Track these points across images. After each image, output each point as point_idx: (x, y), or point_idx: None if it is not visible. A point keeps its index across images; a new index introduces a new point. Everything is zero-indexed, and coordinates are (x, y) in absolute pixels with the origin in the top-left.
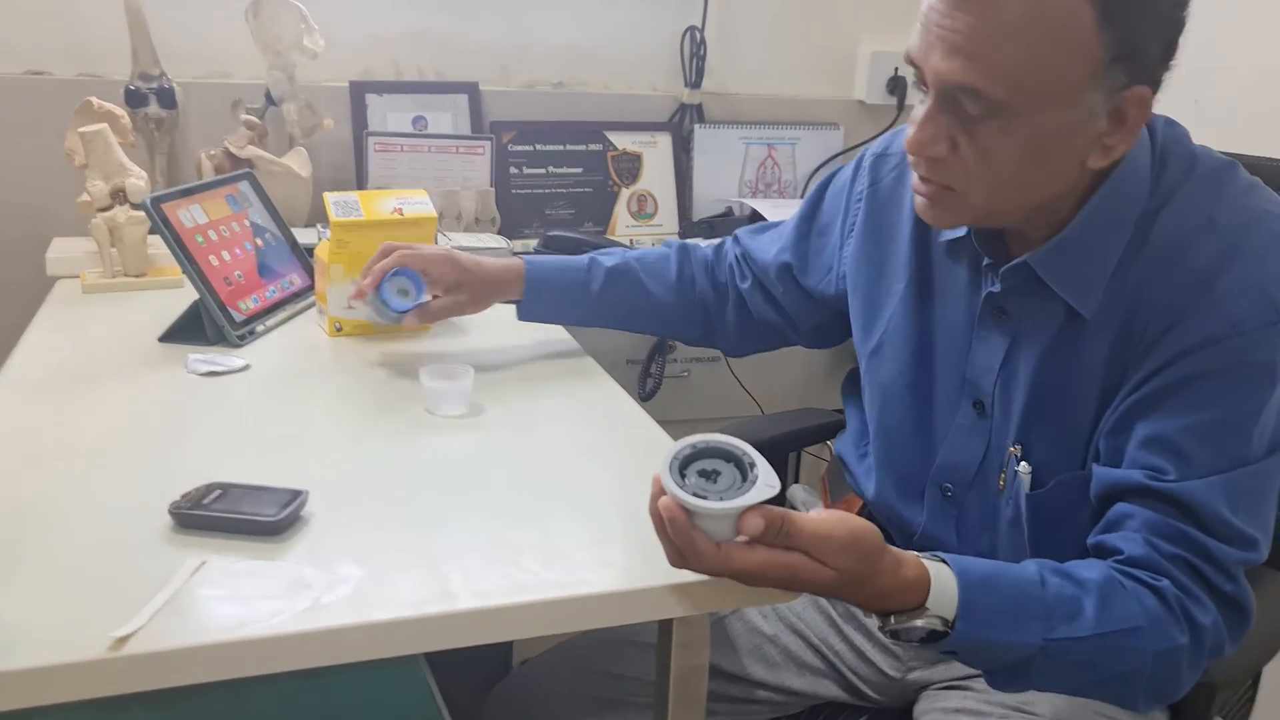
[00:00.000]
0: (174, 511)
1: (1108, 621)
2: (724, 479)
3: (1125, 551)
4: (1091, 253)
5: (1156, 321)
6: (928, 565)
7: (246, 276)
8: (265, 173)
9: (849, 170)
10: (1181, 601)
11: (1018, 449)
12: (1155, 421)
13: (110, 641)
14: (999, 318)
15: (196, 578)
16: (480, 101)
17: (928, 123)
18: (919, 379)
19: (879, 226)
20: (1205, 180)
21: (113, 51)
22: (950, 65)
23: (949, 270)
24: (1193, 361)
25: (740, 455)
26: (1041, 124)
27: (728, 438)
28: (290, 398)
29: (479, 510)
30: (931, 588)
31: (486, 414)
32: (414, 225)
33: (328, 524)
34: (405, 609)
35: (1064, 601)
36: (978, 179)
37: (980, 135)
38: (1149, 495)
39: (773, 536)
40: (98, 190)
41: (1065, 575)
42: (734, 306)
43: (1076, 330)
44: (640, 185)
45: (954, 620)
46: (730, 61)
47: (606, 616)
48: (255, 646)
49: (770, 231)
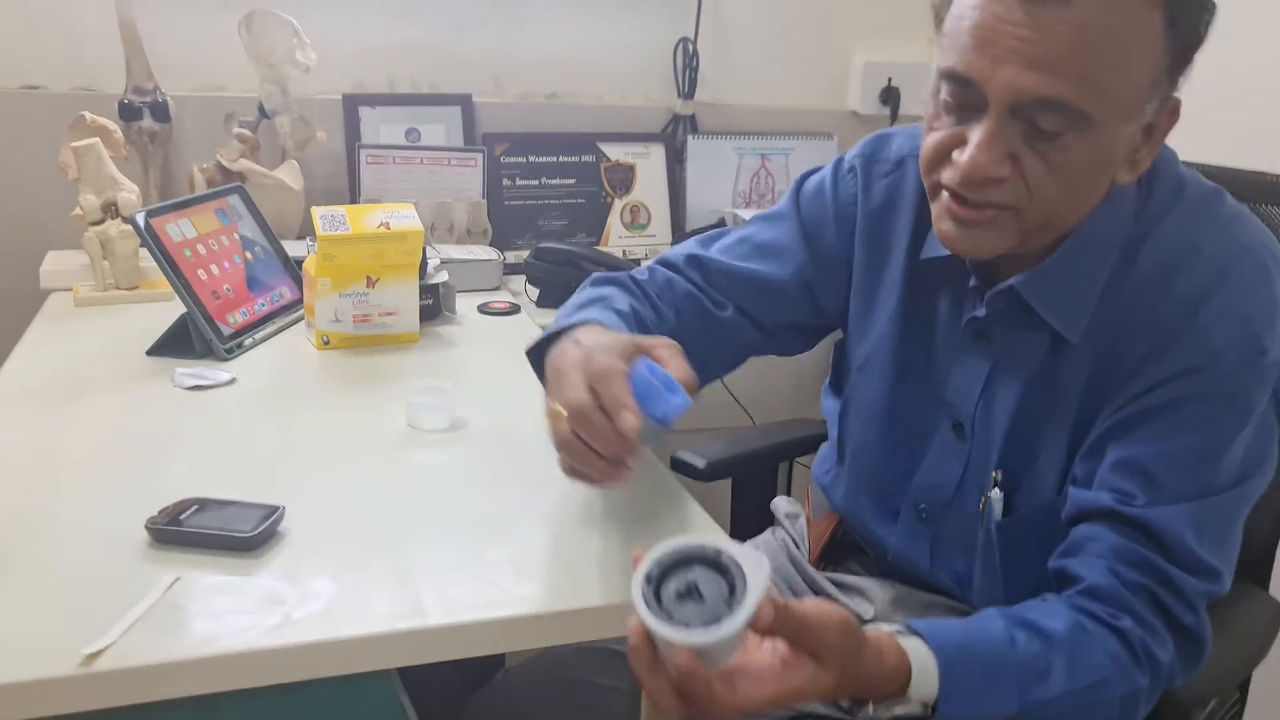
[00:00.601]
0: (150, 527)
1: (1078, 677)
2: (708, 589)
3: (1086, 579)
4: (1079, 278)
5: (1138, 346)
6: (905, 647)
7: (235, 290)
8: (257, 186)
9: (826, 175)
10: (1144, 641)
11: (998, 474)
12: (1128, 445)
13: (80, 658)
14: (980, 341)
15: (170, 594)
16: (473, 113)
17: (993, 143)
18: (900, 397)
19: (873, 237)
20: (1193, 206)
21: (107, 66)
22: (1031, 78)
23: (933, 289)
24: (1170, 388)
25: (709, 554)
26: (1111, 137)
27: (685, 542)
28: (275, 411)
29: (456, 525)
30: (913, 674)
31: (469, 428)
32: (400, 239)
33: (304, 539)
34: (376, 624)
35: (1033, 659)
36: (1041, 199)
37: (1052, 152)
38: (1116, 519)
39: (781, 626)
40: (90, 204)
41: (1031, 628)
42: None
43: (1059, 356)
44: (633, 196)
45: (935, 703)
46: (723, 72)
47: (578, 632)
48: (225, 662)
49: (742, 248)
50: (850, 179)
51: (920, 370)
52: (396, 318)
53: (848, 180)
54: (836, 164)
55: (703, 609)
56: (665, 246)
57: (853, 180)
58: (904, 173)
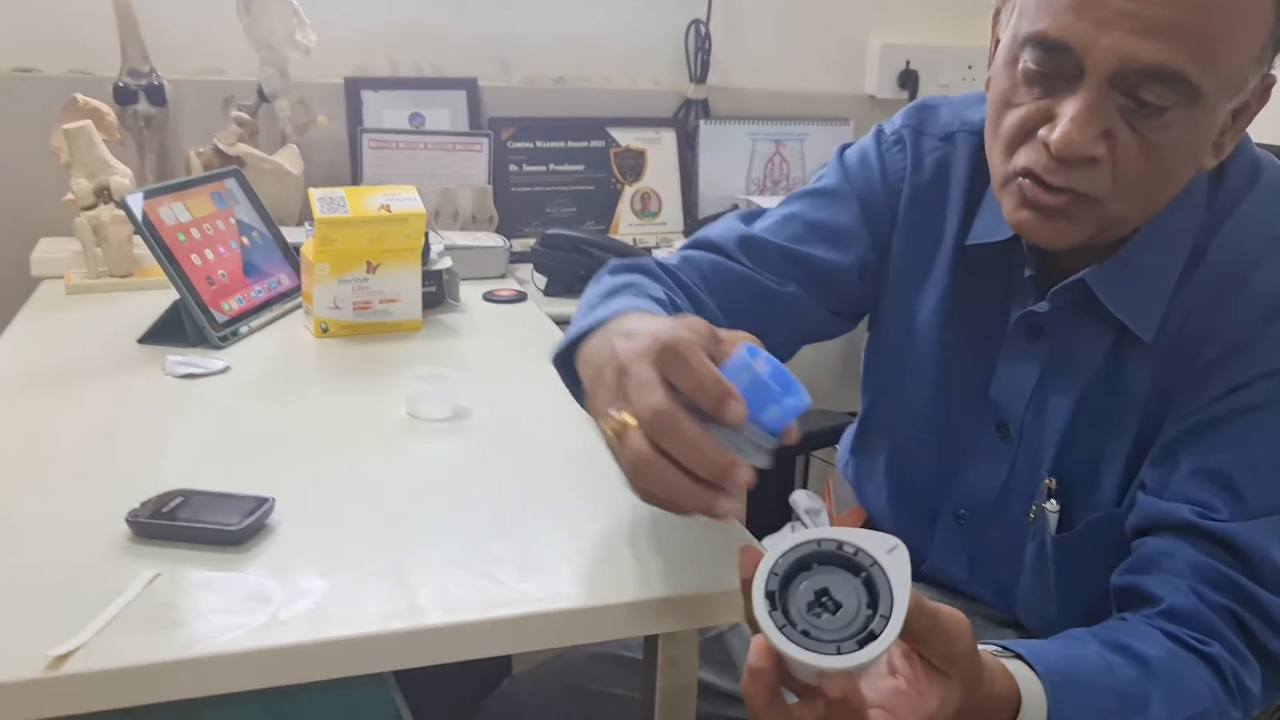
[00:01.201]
0: (131, 520)
1: (1178, 706)
2: (842, 593)
3: (1166, 600)
4: (1153, 271)
5: (1211, 347)
6: (1012, 672)
7: (231, 276)
8: (256, 170)
9: (869, 146)
10: (1235, 670)
11: (1052, 481)
12: (1207, 453)
13: (48, 660)
14: (1033, 338)
15: (149, 591)
16: (479, 97)
17: (1090, 117)
18: (943, 396)
19: (919, 217)
20: (1270, 193)
21: (102, 48)
22: (1143, 45)
23: (980, 278)
24: (1251, 392)
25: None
26: (1212, 116)
27: (799, 540)
28: (269, 400)
29: (457, 519)
30: (1023, 703)
31: (472, 417)
32: (402, 222)
33: (295, 533)
34: (370, 624)
35: (1130, 687)
36: (1129, 183)
37: (1153, 130)
38: (1195, 533)
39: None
40: (81, 188)
41: (1126, 653)
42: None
43: (1122, 356)
44: (644, 183)
45: None
46: (736, 55)
47: (584, 632)
48: (206, 665)
49: (794, 228)
50: (898, 151)
51: (965, 367)
52: (398, 305)
53: (895, 152)
54: (878, 134)
55: (843, 619)
56: (677, 235)
57: (901, 153)
58: (954, 148)
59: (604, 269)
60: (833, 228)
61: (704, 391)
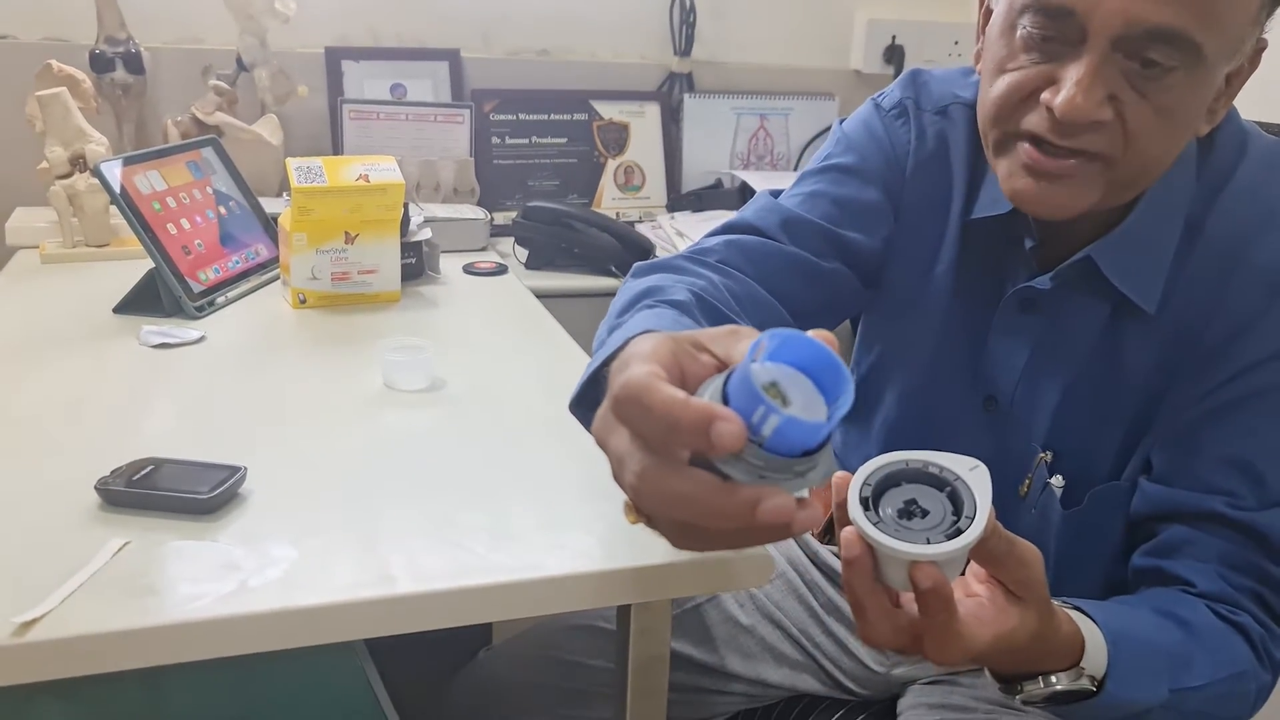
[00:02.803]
0: (101, 488)
1: (1221, 665)
2: (929, 504)
3: (1198, 585)
4: (1152, 244)
5: (1217, 325)
6: (1076, 620)
7: (207, 246)
8: (234, 140)
9: (870, 117)
10: (1264, 639)
11: (1047, 455)
12: (1227, 440)
13: (13, 627)
14: (1027, 311)
15: (118, 559)
16: (461, 69)
17: (1096, 80)
18: (935, 369)
19: (922, 191)
20: (1261, 162)
21: (79, 15)
22: (1150, 6)
23: (981, 253)
24: (1266, 372)
25: (923, 469)
26: (1213, 77)
27: (890, 459)
28: (244, 371)
29: (431, 489)
30: (1086, 648)
31: (449, 388)
32: (381, 192)
33: (266, 502)
34: (339, 593)
35: (1177, 647)
36: (1137, 145)
37: (1157, 92)
38: (1223, 523)
39: (996, 544)
40: (56, 156)
41: (1172, 618)
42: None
43: (1120, 330)
44: (627, 156)
45: (1102, 679)
46: (721, 29)
47: (556, 602)
48: (174, 632)
49: (823, 205)
50: (902, 124)
51: (960, 340)
52: (376, 276)
53: (899, 125)
54: (876, 106)
55: (931, 522)
56: (659, 209)
57: (905, 125)
58: (950, 122)
59: (630, 273)
60: (860, 206)
61: (676, 432)
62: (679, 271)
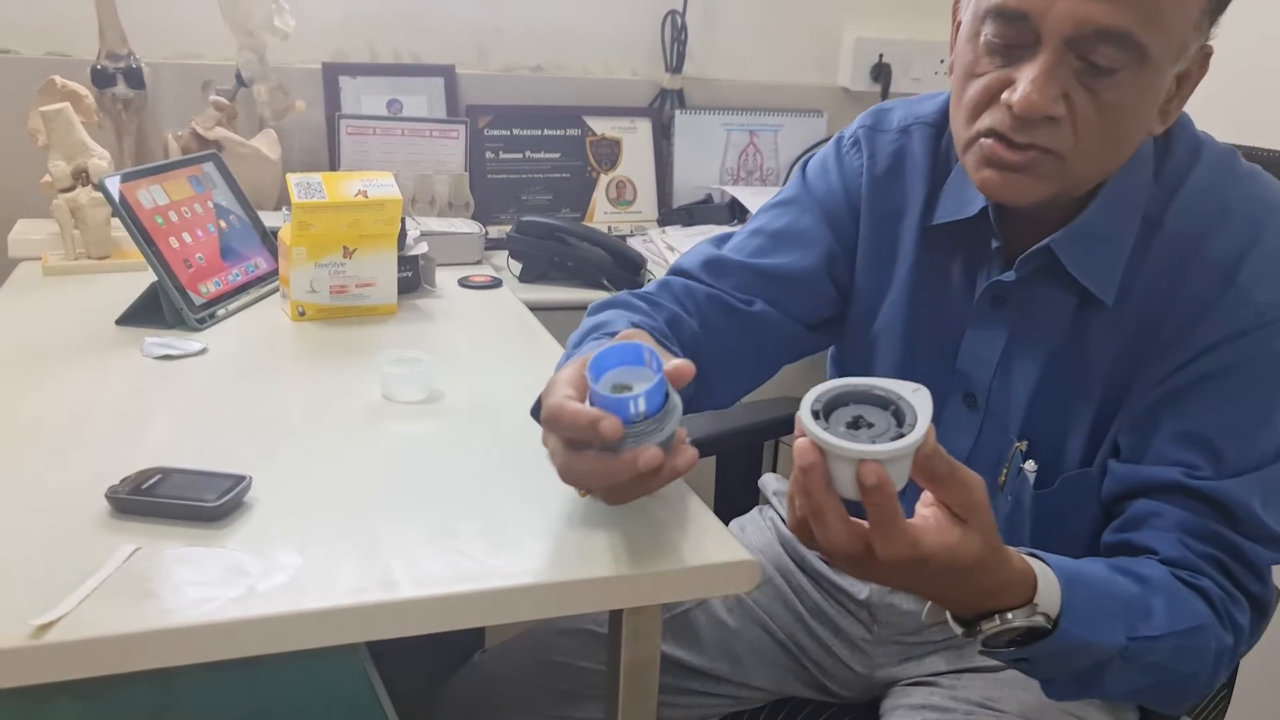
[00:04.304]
0: (111, 496)
1: (1179, 619)
2: (875, 418)
3: (1160, 552)
4: (1110, 238)
5: (1174, 314)
6: (1027, 559)
7: (208, 259)
8: (233, 155)
9: (829, 151)
10: (1224, 601)
11: (1023, 444)
12: (1185, 417)
13: (31, 629)
14: (998, 308)
15: (129, 564)
16: (456, 85)
17: (1049, 79)
18: (912, 371)
19: (879, 205)
20: (1214, 167)
21: (81, 30)
22: (1095, 8)
23: (945, 256)
24: (1221, 354)
25: (870, 392)
26: (1160, 78)
27: (843, 381)
28: (246, 382)
29: (429, 497)
30: (1039, 583)
31: (446, 399)
32: (379, 208)
33: (270, 510)
34: (343, 597)
35: (1136, 598)
36: (1087, 141)
37: (1105, 89)
38: (1182, 493)
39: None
40: (59, 170)
41: (1127, 572)
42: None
43: (1085, 322)
44: (619, 171)
45: (1057, 618)
46: (712, 46)
47: (551, 607)
48: (185, 635)
49: (758, 241)
50: (854, 151)
51: (930, 341)
52: (374, 289)
53: (852, 153)
54: (837, 140)
55: (876, 432)
56: (651, 223)
57: (857, 152)
58: (909, 139)
59: (590, 308)
60: (792, 233)
61: (580, 433)
62: (626, 308)
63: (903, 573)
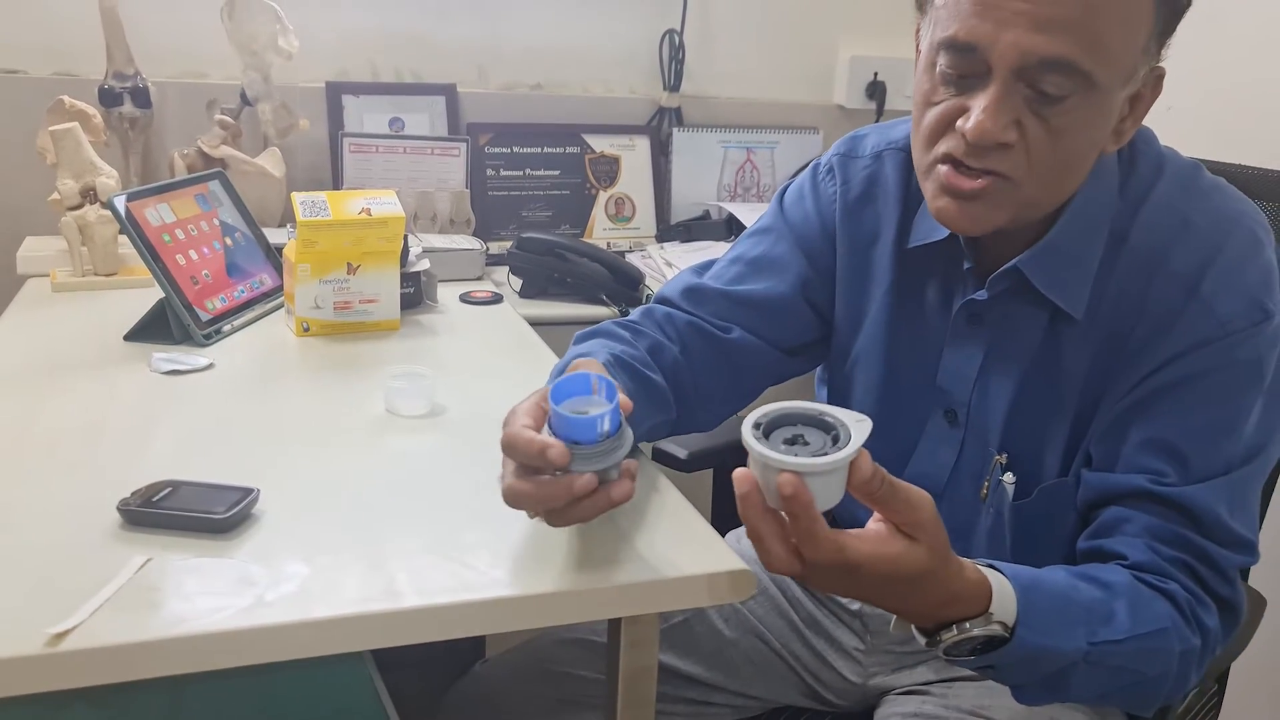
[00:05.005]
0: (122, 508)
1: (1141, 623)
2: (813, 438)
3: (1129, 557)
4: (1077, 254)
5: (1141, 326)
6: (983, 570)
7: (214, 276)
8: (238, 173)
9: (805, 180)
10: (1190, 604)
11: (1003, 457)
12: (1152, 425)
13: (47, 638)
14: (974, 326)
15: (141, 574)
16: (457, 103)
17: (1000, 107)
18: (892, 389)
19: (854, 230)
20: (1176, 181)
21: (88, 50)
22: (1039, 39)
23: (921, 277)
24: (1185, 363)
25: (815, 415)
26: (1109, 102)
27: (788, 404)
28: (252, 396)
29: (433, 510)
30: (994, 593)
31: (448, 414)
32: (382, 225)
33: (278, 522)
34: (349, 606)
35: (1097, 604)
36: (1040, 165)
37: (1054, 116)
38: (1149, 499)
39: (878, 486)
40: (68, 189)
41: (1090, 579)
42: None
43: (1058, 337)
44: (618, 188)
45: (1014, 626)
46: (709, 65)
47: (552, 615)
48: (196, 643)
49: (736, 269)
50: (829, 179)
51: (911, 360)
52: (377, 305)
53: (826, 181)
54: (814, 168)
55: (811, 450)
56: (649, 239)
57: (831, 179)
58: (881, 165)
59: (575, 337)
60: (767, 260)
61: (532, 459)
62: (609, 337)
63: (839, 579)
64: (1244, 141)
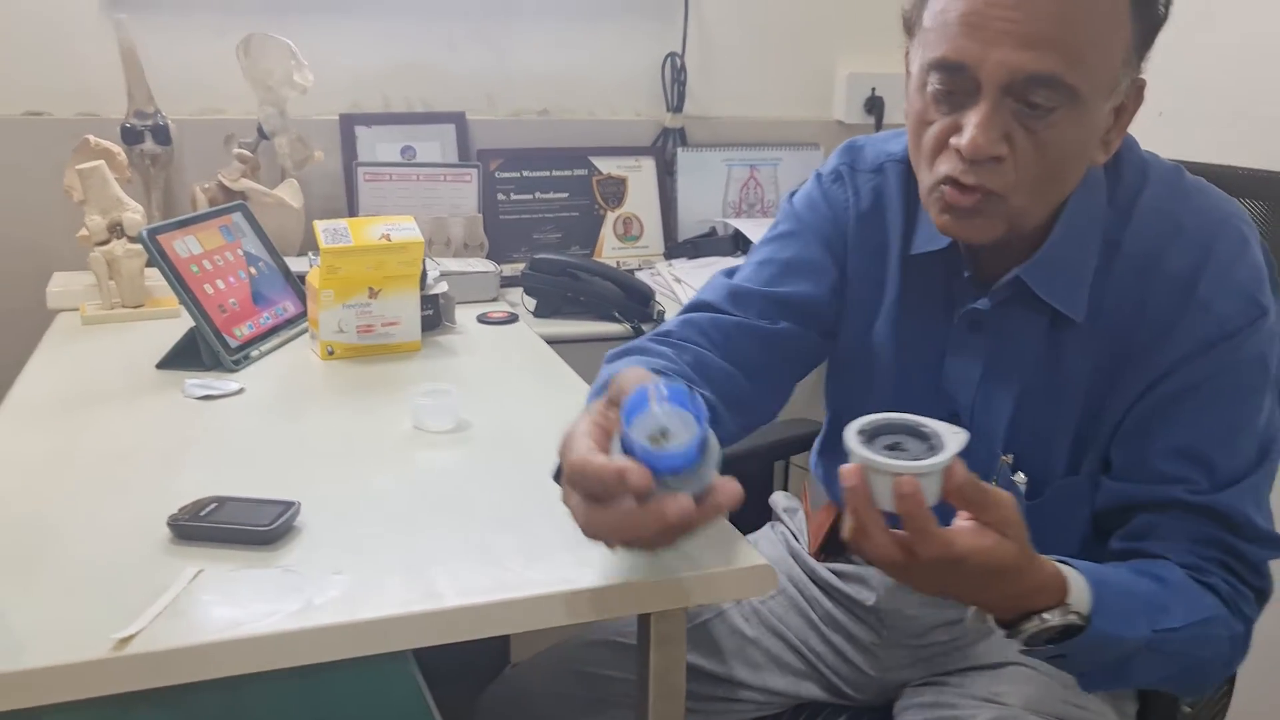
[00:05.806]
0: (172, 523)
1: (1194, 611)
2: (912, 446)
3: (1172, 558)
4: (1072, 261)
5: (1144, 330)
6: (1057, 564)
7: (241, 304)
8: (258, 204)
9: (812, 187)
10: (1231, 595)
11: (1009, 458)
12: (1172, 432)
13: (113, 643)
14: (975, 331)
15: (194, 584)
16: (467, 130)
17: (990, 122)
18: (901, 393)
19: (866, 239)
20: (1163, 185)
21: (109, 91)
22: (1024, 56)
23: (925, 284)
24: (1194, 368)
25: (913, 425)
26: (1094, 114)
27: (888, 414)
28: (284, 417)
29: (465, 517)
30: (1070, 586)
31: (474, 428)
32: (402, 250)
33: (319, 533)
34: (393, 608)
35: (1155, 596)
36: (1027, 178)
37: (1042, 129)
38: (1185, 508)
39: (971, 490)
40: (95, 225)
41: (1145, 573)
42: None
43: (1059, 341)
44: (625, 208)
45: (1089, 616)
46: (711, 86)
47: (587, 611)
48: (250, 645)
49: (770, 271)
50: (839, 186)
51: (918, 364)
52: (399, 327)
53: (836, 188)
54: (818, 176)
55: (911, 457)
56: (658, 257)
57: (841, 187)
58: (885, 177)
59: (606, 356)
60: (802, 263)
61: (607, 487)
62: (644, 353)
63: (942, 573)
64: (1234, 144)
